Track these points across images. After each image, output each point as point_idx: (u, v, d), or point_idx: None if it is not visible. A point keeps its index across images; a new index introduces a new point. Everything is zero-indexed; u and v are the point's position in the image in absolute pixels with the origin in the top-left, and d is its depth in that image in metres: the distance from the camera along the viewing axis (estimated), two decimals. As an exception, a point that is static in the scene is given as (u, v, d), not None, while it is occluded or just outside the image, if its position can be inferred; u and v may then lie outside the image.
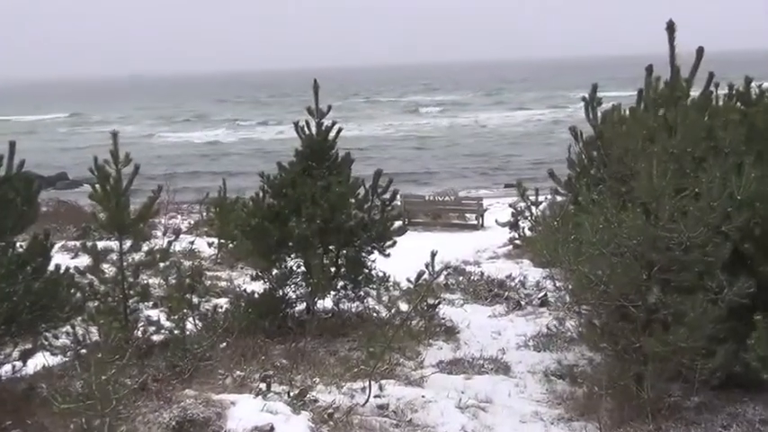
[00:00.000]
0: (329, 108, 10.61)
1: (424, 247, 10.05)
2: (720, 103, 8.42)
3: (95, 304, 8.73)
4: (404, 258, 10.75)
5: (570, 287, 8.99)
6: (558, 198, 10.64)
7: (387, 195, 10.84)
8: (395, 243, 10.77)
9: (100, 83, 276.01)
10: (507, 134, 66.83)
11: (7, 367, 7.82)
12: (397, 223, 11.38)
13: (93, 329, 8.18)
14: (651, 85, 7.86)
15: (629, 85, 11.50)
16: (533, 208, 16.63)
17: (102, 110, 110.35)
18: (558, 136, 57.00)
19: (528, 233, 16.76)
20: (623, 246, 7.03)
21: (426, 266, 9.00)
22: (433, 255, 8.78)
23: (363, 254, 10.72)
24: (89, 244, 9.04)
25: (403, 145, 62.13)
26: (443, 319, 10.85)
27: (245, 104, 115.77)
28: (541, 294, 12.43)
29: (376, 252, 10.76)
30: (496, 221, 20.65)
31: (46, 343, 8.10)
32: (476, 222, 25.61)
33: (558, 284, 12.12)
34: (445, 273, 12.94)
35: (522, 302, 12.25)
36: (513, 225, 18.46)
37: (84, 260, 9.28)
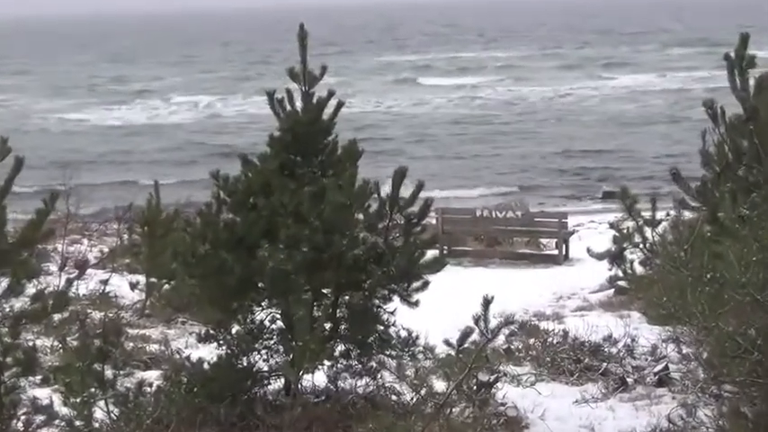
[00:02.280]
0: (323, 70, 10.59)
1: (472, 290, 10.21)
2: None
3: (-50, 379, 9.05)
4: (440, 309, 11.12)
5: (706, 356, 9.08)
6: (687, 214, 10.76)
7: (414, 209, 10.68)
8: (426, 285, 10.60)
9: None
10: (602, 114, 66.47)
11: None
12: (431, 253, 11.30)
13: (-52, 419, 8.35)
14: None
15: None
16: (648, 230, 16.37)
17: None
18: (683, 114, 56.80)
19: (639, 270, 16.50)
20: (791, 290, 7.22)
21: (476, 322, 8.83)
22: (487, 303, 8.60)
23: (377, 301, 10.63)
24: (-60, 283, 9.31)
25: (438, 130, 61.96)
26: (503, 405, 10.78)
27: (180, 65, 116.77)
28: (660, 367, 12.34)
29: (396, 299, 10.65)
30: (589, 251, 20.07)
31: None
32: (556, 252, 25.32)
33: (685, 351, 12.07)
34: (506, 332, 12.38)
35: (630, 380, 12.19)
36: (616, 257, 17.82)
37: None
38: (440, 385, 10.72)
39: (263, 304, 10.66)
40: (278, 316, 10.65)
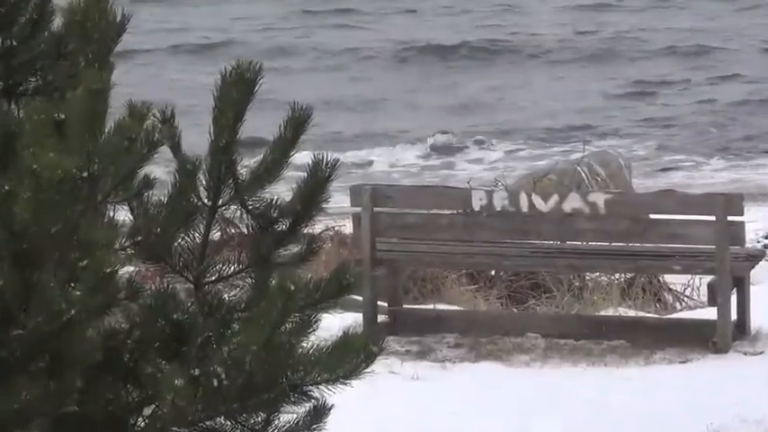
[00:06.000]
0: None
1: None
2: None
3: None
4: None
5: None
6: None
7: (280, 194, 7.63)
8: (321, 417, 7.60)
9: None
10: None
11: None
12: (337, 323, 8.78)
13: None
14: None
15: None
16: None
17: None
18: None
19: None
20: None
21: None
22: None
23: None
24: None
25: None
26: None
27: None
28: None
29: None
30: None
31: None
32: (713, 316, 19.30)
33: None
34: None
35: None
36: None
37: None
38: None
39: None
40: None
